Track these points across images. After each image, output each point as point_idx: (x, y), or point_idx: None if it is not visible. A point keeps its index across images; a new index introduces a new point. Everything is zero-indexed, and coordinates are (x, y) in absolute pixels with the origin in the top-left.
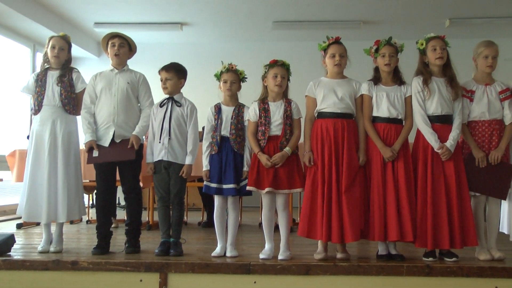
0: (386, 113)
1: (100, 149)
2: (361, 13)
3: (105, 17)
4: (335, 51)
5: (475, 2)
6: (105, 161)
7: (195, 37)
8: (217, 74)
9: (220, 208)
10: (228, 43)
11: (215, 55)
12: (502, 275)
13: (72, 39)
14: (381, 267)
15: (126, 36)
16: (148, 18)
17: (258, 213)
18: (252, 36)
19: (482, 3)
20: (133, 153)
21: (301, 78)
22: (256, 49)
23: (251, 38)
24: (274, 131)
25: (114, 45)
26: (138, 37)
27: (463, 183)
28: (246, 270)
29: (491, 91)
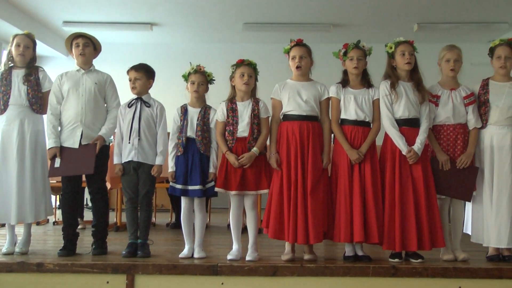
0: (353, 116)
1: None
2: (331, 16)
3: (74, 16)
4: (296, 53)
5: (443, 8)
6: (65, 175)
7: (165, 37)
8: (185, 75)
9: (187, 210)
10: (199, 44)
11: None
12: (465, 275)
13: (40, 38)
14: (347, 268)
15: (90, 35)
16: (118, 18)
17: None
18: (223, 37)
19: (449, 8)
20: (91, 167)
21: (272, 80)
22: (226, 50)
23: (221, 39)
24: (242, 131)
25: (78, 45)
26: (108, 37)
27: (430, 185)
28: (214, 271)
29: (456, 96)
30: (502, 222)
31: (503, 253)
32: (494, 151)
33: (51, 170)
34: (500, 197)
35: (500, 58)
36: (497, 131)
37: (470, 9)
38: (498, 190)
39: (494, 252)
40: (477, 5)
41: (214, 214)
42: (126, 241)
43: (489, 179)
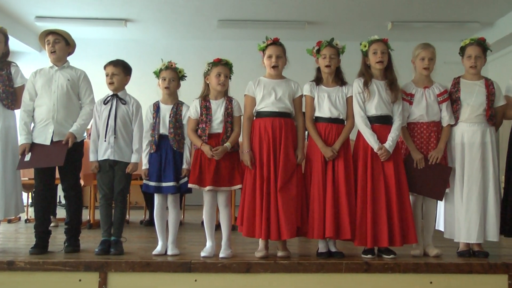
0: (327, 114)
1: (32, 152)
2: (306, 13)
3: (47, 11)
4: (272, 52)
5: (416, 7)
6: (34, 166)
7: (140, 33)
8: (156, 71)
9: (160, 207)
10: (173, 40)
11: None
12: (437, 270)
13: (12, 33)
14: (320, 265)
15: (60, 31)
16: (91, 14)
17: (201, 211)
18: (198, 34)
19: (422, 7)
20: (62, 159)
21: (246, 77)
22: (201, 47)
23: (196, 36)
24: (215, 128)
25: (49, 42)
26: (81, 33)
27: (402, 182)
28: (187, 269)
29: (430, 94)
30: (472, 218)
31: (473, 248)
32: (465, 148)
33: (20, 163)
34: (470, 194)
35: (471, 58)
36: (467, 128)
37: (443, 9)
38: (468, 186)
39: (464, 248)
40: (449, 5)
41: (188, 211)
42: (99, 239)
43: (460, 176)
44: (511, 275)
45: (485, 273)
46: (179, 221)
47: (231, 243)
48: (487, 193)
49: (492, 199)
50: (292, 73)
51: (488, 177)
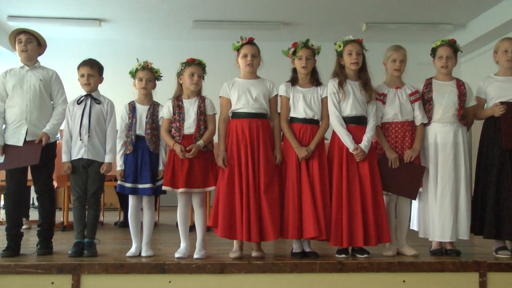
0: (302, 114)
1: (6, 152)
2: (281, 14)
3: (20, 10)
4: (247, 51)
5: (390, 8)
6: (9, 168)
7: (114, 34)
8: (132, 71)
9: (134, 208)
10: (148, 40)
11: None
12: (409, 269)
13: None
14: (295, 265)
15: (33, 31)
16: (65, 13)
17: (176, 213)
18: (173, 34)
19: (396, 9)
20: (37, 158)
21: (221, 77)
22: (176, 47)
23: (171, 36)
24: (188, 127)
25: (20, 41)
26: (55, 33)
27: (377, 182)
28: (161, 270)
29: (402, 94)
30: (446, 217)
31: (445, 247)
32: (438, 148)
33: None
34: (444, 193)
35: (442, 58)
36: (440, 128)
37: (417, 10)
38: (441, 186)
39: (437, 246)
40: (423, 7)
41: (163, 213)
42: (73, 241)
43: (434, 175)
44: (482, 273)
45: (456, 271)
46: (154, 222)
47: (206, 244)
48: (459, 192)
49: (464, 198)
50: (268, 73)
51: (460, 176)
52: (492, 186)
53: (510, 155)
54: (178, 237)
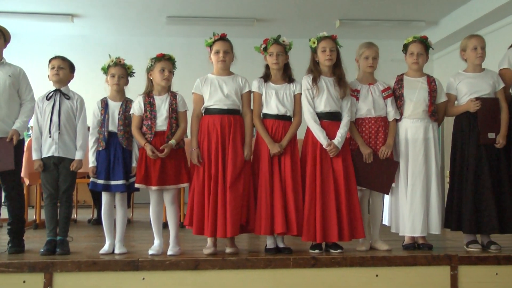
0: (275, 110)
1: None
2: (255, 10)
3: None
4: (220, 47)
5: (364, 5)
6: None
7: (87, 29)
8: (104, 67)
9: (107, 205)
10: (121, 36)
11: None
12: (382, 263)
13: None
14: (268, 260)
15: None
16: (36, 8)
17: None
18: (146, 30)
19: (370, 6)
20: (12, 163)
21: (195, 73)
22: (150, 43)
23: (145, 32)
24: (160, 125)
25: None
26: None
27: (351, 178)
28: (135, 267)
29: (375, 90)
30: (416, 212)
31: (418, 241)
32: (409, 143)
33: None
34: (415, 188)
35: (413, 55)
36: (411, 124)
37: (390, 7)
38: (412, 181)
39: (409, 241)
40: (396, 4)
41: (137, 209)
42: (45, 239)
43: (404, 171)
44: (453, 266)
45: (428, 265)
46: (127, 219)
47: (180, 240)
48: (430, 187)
49: (435, 193)
50: (242, 69)
51: (431, 172)
52: (469, 181)
53: (486, 150)
54: (152, 234)
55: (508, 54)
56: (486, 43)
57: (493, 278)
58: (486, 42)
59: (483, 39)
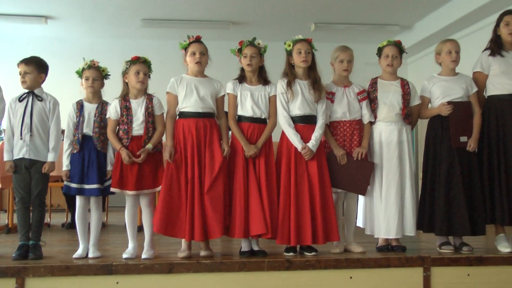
0: (250, 113)
1: None
2: (230, 13)
3: None
4: (196, 49)
5: (339, 9)
6: None
7: (61, 31)
8: (79, 71)
9: (82, 209)
10: (96, 39)
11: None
12: (356, 265)
13: None
14: (243, 263)
15: None
16: (9, 9)
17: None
18: (121, 32)
19: (345, 10)
20: None
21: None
22: (124, 46)
23: (119, 34)
24: (137, 129)
25: None
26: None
27: (326, 181)
28: (108, 271)
29: (350, 93)
30: (391, 214)
31: (391, 243)
32: (383, 146)
33: None
34: (389, 191)
35: (388, 57)
36: (385, 127)
37: (364, 12)
38: (387, 183)
39: (383, 243)
40: (371, 8)
41: (112, 213)
42: (17, 244)
43: (379, 174)
44: (426, 268)
45: (402, 267)
46: (101, 223)
47: (155, 244)
48: (404, 189)
49: (409, 195)
50: (217, 72)
51: (405, 174)
52: (442, 184)
53: (458, 154)
54: (127, 238)
55: (481, 58)
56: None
57: (465, 279)
58: None
59: (458, 43)
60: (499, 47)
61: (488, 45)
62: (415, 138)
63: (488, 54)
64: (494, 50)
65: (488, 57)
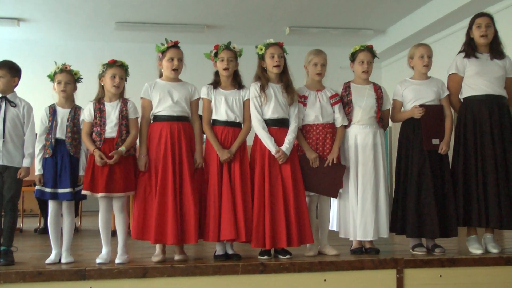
0: (224, 117)
1: None
2: (205, 17)
3: None
4: (174, 55)
5: (313, 13)
6: None
7: (34, 34)
8: (51, 75)
9: (54, 214)
10: (70, 41)
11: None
12: (330, 268)
13: None
14: (217, 267)
15: None
16: None
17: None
18: (95, 35)
19: (319, 14)
20: None
21: (145, 80)
22: (99, 49)
23: (93, 37)
24: (110, 132)
25: None
26: None
27: (299, 184)
28: (82, 276)
29: (322, 96)
30: (368, 217)
31: (365, 245)
32: (358, 149)
33: None
34: (365, 193)
35: (363, 63)
36: (360, 130)
37: (339, 16)
38: (363, 186)
39: (357, 245)
40: (345, 12)
41: (86, 218)
42: None
43: (354, 176)
44: (399, 269)
45: (375, 269)
46: (74, 227)
47: (128, 248)
48: (379, 192)
49: (383, 197)
50: (192, 76)
51: (379, 176)
52: (413, 187)
53: (429, 156)
54: (101, 243)
55: (456, 60)
56: (432, 52)
57: (437, 280)
58: (432, 50)
59: (430, 48)
60: (473, 49)
61: (463, 48)
62: (389, 142)
63: (463, 56)
64: (468, 53)
65: (463, 59)
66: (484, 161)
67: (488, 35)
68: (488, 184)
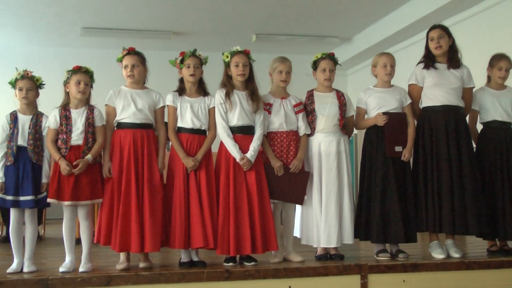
0: (189, 124)
1: None
2: (171, 23)
3: None
4: (128, 62)
5: (280, 20)
6: None
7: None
8: (12, 81)
9: (16, 222)
10: (34, 47)
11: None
12: (295, 275)
13: None
14: (182, 275)
15: None
16: None
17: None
18: (60, 41)
19: (286, 21)
20: None
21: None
22: (64, 54)
23: (58, 43)
24: (76, 139)
25: None
26: None
27: (264, 190)
28: (44, 286)
29: (287, 104)
30: (331, 223)
31: (330, 252)
32: (322, 157)
33: None
34: (329, 201)
35: (325, 71)
36: (324, 138)
37: (305, 23)
38: (326, 194)
39: (322, 252)
40: (311, 20)
41: (50, 226)
42: None
43: (318, 184)
44: (363, 275)
45: (340, 275)
46: (37, 236)
47: (93, 256)
48: (343, 199)
49: (347, 204)
50: (158, 82)
51: (343, 183)
52: (377, 193)
53: (393, 163)
54: (64, 251)
55: (415, 71)
56: (396, 60)
57: (401, 285)
58: (396, 59)
59: (393, 57)
60: (431, 61)
61: (422, 59)
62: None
63: (422, 67)
64: (427, 64)
65: (422, 69)
66: (439, 168)
67: (442, 46)
68: (442, 191)
